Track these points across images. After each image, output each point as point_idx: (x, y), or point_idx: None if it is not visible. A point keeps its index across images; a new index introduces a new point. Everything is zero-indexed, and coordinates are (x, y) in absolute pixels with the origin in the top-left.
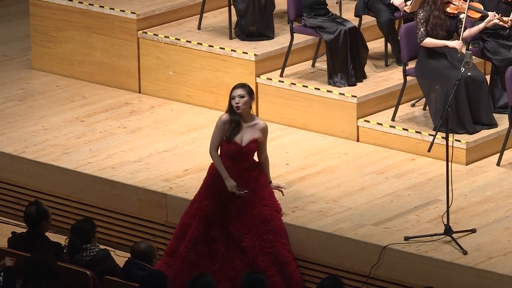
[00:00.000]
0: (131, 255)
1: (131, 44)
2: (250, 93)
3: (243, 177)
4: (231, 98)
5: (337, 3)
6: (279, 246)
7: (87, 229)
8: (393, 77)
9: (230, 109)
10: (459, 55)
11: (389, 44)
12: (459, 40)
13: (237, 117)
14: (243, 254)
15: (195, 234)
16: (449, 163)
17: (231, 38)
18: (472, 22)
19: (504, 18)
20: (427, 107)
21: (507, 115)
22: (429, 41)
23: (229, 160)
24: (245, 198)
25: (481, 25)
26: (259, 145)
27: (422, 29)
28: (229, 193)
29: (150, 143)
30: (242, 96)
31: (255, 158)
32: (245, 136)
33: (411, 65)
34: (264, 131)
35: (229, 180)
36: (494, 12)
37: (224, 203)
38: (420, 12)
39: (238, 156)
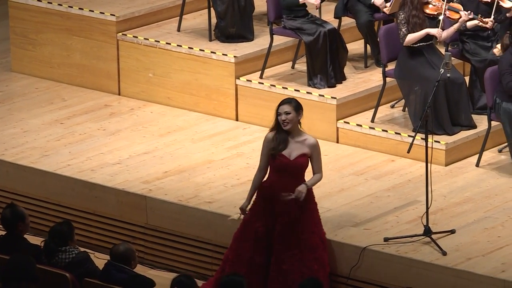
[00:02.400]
0: (110, 257)
1: (111, 46)
2: (297, 108)
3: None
4: (278, 114)
5: (316, 9)
6: (321, 276)
7: (64, 232)
8: (373, 78)
9: (277, 126)
10: (438, 43)
11: (368, 46)
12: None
13: (283, 133)
14: (282, 277)
15: (255, 259)
16: (429, 164)
17: (210, 40)
18: (451, 23)
19: (485, 19)
20: (406, 108)
21: (486, 116)
22: (411, 37)
23: (277, 175)
24: (294, 220)
25: (456, 25)
26: (311, 161)
27: (403, 29)
28: (278, 212)
29: (130, 145)
30: (288, 113)
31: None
32: (294, 152)
33: (391, 66)
34: (314, 147)
35: (245, 202)
36: (470, 11)
37: (272, 223)
38: (401, 13)
39: (287, 170)
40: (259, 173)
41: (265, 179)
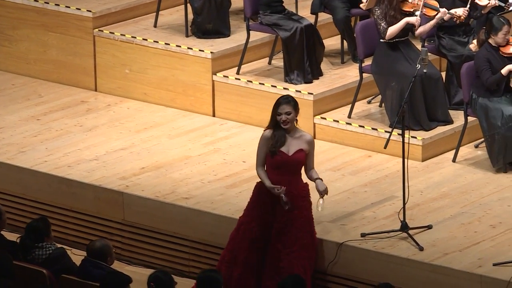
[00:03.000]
0: (87, 253)
1: (87, 42)
2: (296, 107)
3: (289, 192)
4: (277, 114)
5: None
6: (309, 275)
7: (40, 228)
8: (349, 74)
9: (274, 124)
10: (415, 36)
11: (345, 41)
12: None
13: (281, 131)
14: (278, 275)
15: (250, 259)
16: (405, 160)
17: (187, 36)
18: (428, 20)
19: (458, 13)
20: (383, 104)
21: (462, 112)
22: (392, 30)
23: (275, 172)
24: (292, 218)
25: (432, 22)
26: (307, 157)
27: (383, 24)
28: (276, 211)
29: (107, 141)
30: (289, 113)
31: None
32: (291, 147)
33: (367, 62)
34: (311, 143)
35: (273, 187)
36: (445, 8)
37: (269, 221)
38: (376, 9)
39: (285, 166)
40: (262, 169)
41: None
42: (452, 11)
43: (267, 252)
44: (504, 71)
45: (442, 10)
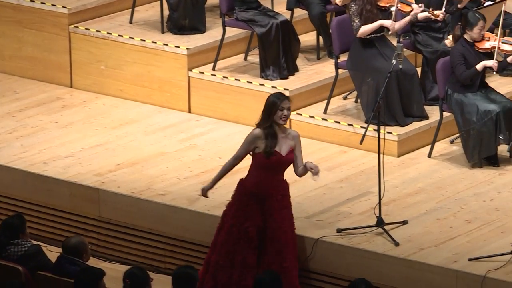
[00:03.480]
0: (62, 250)
1: (63, 39)
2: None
3: (276, 188)
4: (279, 109)
5: None
6: (294, 276)
7: (15, 225)
8: (325, 70)
9: (268, 123)
10: (390, 34)
11: (321, 37)
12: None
13: (271, 129)
14: (284, 274)
15: (248, 260)
16: (381, 155)
17: (163, 32)
18: (403, 15)
19: (436, 12)
20: (359, 100)
21: (438, 107)
22: (365, 29)
23: (268, 173)
24: (284, 218)
25: (407, 18)
26: (295, 154)
27: (356, 21)
28: (267, 210)
29: (82, 138)
30: (289, 109)
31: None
32: (283, 147)
33: (343, 58)
34: (298, 138)
35: (209, 184)
36: (421, 4)
37: (261, 220)
38: (352, 5)
39: (278, 166)
40: (233, 161)
41: (245, 177)
42: (427, 14)
43: (265, 253)
44: (479, 66)
45: (415, 6)
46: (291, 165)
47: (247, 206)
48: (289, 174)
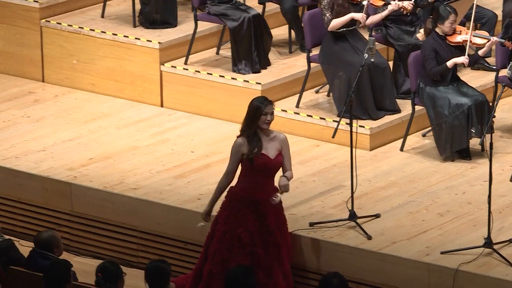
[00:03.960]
0: (34, 244)
1: (34, 33)
2: None
3: (268, 193)
4: (263, 114)
5: None
6: (279, 276)
7: None
8: (297, 64)
9: (252, 130)
10: (360, 27)
11: (293, 31)
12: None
13: (255, 134)
14: (286, 278)
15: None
16: (353, 149)
17: (135, 26)
18: (375, 9)
19: (405, 3)
20: (331, 94)
21: (410, 101)
22: (336, 22)
23: (257, 177)
24: (281, 223)
25: (384, 13)
26: (283, 157)
27: (327, 14)
28: (263, 214)
29: (54, 132)
30: (272, 113)
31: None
32: (270, 150)
33: (315, 51)
34: (285, 141)
35: (208, 207)
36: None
37: (255, 227)
38: None
39: (268, 170)
40: (226, 177)
41: (233, 184)
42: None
43: (263, 257)
44: (449, 63)
45: (393, 2)
46: None
47: (239, 211)
48: None
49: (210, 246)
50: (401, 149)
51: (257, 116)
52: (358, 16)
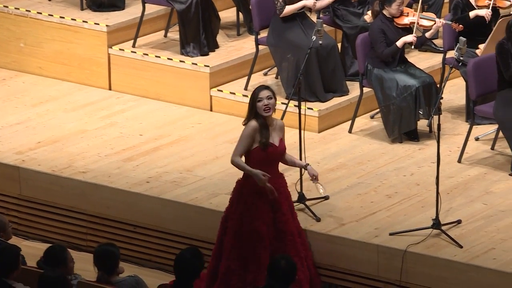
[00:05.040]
0: None
1: None
2: (274, 94)
3: (277, 182)
4: (258, 100)
5: None
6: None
7: None
8: (245, 46)
9: (251, 114)
10: (311, 13)
11: (241, 14)
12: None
13: (262, 121)
14: (303, 265)
15: (262, 260)
16: (302, 131)
17: (82, 9)
18: None
19: None
20: (279, 76)
21: (358, 83)
22: (289, 9)
23: (265, 166)
24: (291, 210)
25: None
26: None
27: (280, 0)
28: (273, 204)
29: (2, 116)
30: (270, 98)
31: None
32: (275, 138)
33: (263, 34)
34: (283, 128)
35: (258, 173)
36: None
37: (270, 218)
38: None
39: (275, 158)
40: (239, 158)
41: (242, 178)
42: None
43: (279, 246)
44: (399, 43)
45: None
46: None
47: (253, 204)
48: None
49: (225, 243)
50: (350, 131)
51: (254, 103)
52: (310, 3)
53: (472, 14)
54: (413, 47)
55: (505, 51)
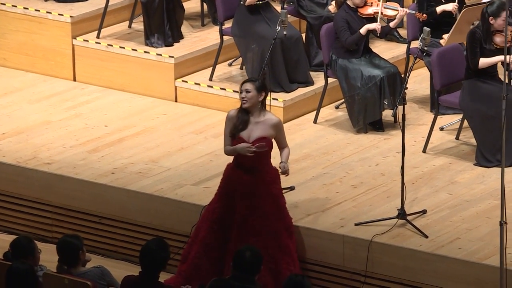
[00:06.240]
0: None
1: None
2: (260, 88)
3: (260, 179)
4: (240, 92)
5: None
6: (283, 265)
7: None
8: (210, 37)
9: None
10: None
11: (205, 4)
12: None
13: (244, 113)
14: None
15: (207, 239)
16: None
17: (46, 0)
18: None
19: None
20: (244, 67)
21: (322, 73)
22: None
23: (239, 156)
24: (254, 207)
25: None
26: (276, 140)
27: None
28: (241, 194)
29: None
30: (249, 91)
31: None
32: (254, 133)
33: (228, 24)
34: (277, 127)
35: (238, 146)
36: None
37: (232, 206)
38: None
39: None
40: (228, 146)
41: (230, 161)
42: None
43: (229, 240)
44: (362, 30)
45: None
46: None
47: (224, 191)
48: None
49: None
50: (315, 121)
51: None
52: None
53: (439, 9)
54: (378, 35)
55: (476, 40)
